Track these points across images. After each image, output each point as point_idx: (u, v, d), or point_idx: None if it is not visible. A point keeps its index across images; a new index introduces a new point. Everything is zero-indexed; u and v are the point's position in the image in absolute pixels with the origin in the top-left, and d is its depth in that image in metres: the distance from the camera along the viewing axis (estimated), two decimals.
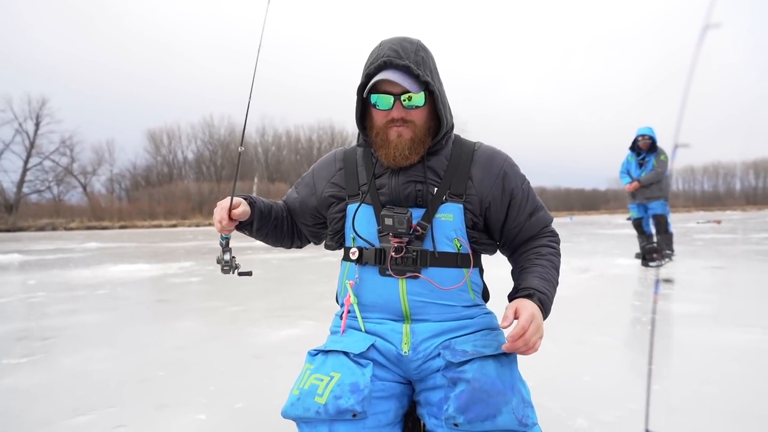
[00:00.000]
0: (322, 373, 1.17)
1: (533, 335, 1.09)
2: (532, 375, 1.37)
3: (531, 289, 1.18)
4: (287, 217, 1.49)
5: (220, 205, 1.29)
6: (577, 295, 4.49)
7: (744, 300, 4.09)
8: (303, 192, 1.45)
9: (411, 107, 1.21)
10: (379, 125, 1.24)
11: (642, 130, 6.35)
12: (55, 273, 7.41)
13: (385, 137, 1.23)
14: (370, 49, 1.26)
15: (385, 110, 1.22)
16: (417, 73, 1.18)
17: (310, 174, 1.45)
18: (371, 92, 1.21)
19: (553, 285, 1.25)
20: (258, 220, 1.39)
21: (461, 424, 1.08)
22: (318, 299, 4.42)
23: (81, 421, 1.91)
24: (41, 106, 47.02)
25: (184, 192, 50.83)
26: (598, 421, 1.78)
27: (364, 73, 1.21)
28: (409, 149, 1.23)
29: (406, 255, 1.22)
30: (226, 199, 1.29)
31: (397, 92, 1.20)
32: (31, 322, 3.90)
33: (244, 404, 2.04)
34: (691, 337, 2.91)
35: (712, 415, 1.82)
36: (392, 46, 1.21)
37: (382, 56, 1.19)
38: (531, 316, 1.10)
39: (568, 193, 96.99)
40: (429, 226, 1.23)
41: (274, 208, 1.45)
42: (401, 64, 1.18)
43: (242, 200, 1.33)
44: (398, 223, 1.19)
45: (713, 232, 14.26)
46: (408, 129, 1.22)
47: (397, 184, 1.26)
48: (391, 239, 1.22)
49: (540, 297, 1.17)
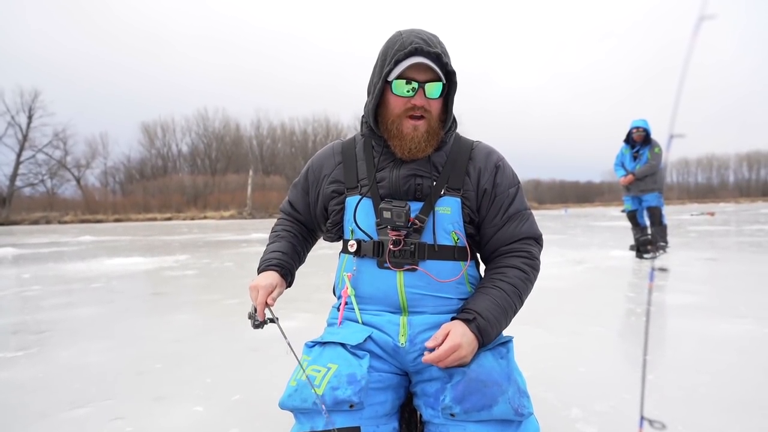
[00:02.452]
0: (319, 364, 1.18)
1: (451, 363, 1.12)
2: (527, 366, 1.39)
3: (474, 313, 1.16)
4: (305, 235, 1.50)
5: (257, 300, 1.26)
6: (572, 287, 4.51)
7: (737, 291, 4.12)
8: (306, 192, 1.45)
9: (431, 98, 1.21)
10: (397, 113, 1.23)
11: (636, 122, 6.36)
12: (50, 266, 7.38)
13: (400, 128, 1.23)
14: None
15: (406, 97, 1.21)
16: (446, 62, 1.19)
17: (310, 170, 1.44)
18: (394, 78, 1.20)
19: (504, 312, 1.20)
20: (291, 280, 1.40)
21: (457, 414, 1.09)
22: (314, 292, 4.42)
23: (78, 413, 1.91)
24: (33, 99, 46.50)
25: (178, 185, 50.54)
26: (592, 411, 1.80)
27: (390, 58, 1.19)
28: (426, 141, 1.23)
29: (404, 248, 1.22)
30: (262, 293, 1.25)
31: (421, 80, 1.20)
32: (26, 315, 3.88)
33: (242, 396, 2.05)
34: (684, 328, 2.94)
35: (705, 403, 1.85)
36: (418, 35, 1.21)
37: (410, 43, 1.18)
38: (454, 347, 1.10)
39: (563, 185, 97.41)
40: (427, 219, 1.24)
41: (296, 248, 1.45)
42: (432, 52, 1.18)
43: (276, 282, 1.30)
44: (396, 216, 1.20)
45: (707, 224, 14.35)
46: (424, 122, 1.22)
47: (398, 178, 1.26)
48: (390, 232, 1.22)
49: (480, 324, 1.15)
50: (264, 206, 41.30)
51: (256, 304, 1.26)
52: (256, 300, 1.26)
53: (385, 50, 1.23)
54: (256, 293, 1.26)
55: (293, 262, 1.41)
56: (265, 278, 1.30)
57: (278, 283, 1.31)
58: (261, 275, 1.33)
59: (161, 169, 57.24)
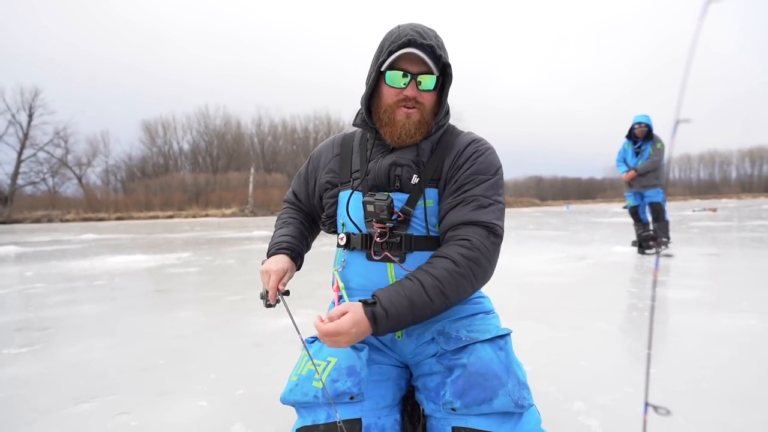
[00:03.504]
0: (319, 358, 1.19)
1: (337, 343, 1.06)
2: (530, 360, 1.39)
3: (376, 299, 1.09)
4: (309, 223, 1.53)
5: (268, 285, 1.29)
6: (575, 282, 4.52)
7: (739, 286, 4.12)
8: (307, 181, 1.48)
9: (424, 90, 1.22)
10: (389, 103, 1.24)
11: (638, 117, 6.34)
12: (53, 264, 7.40)
13: (392, 116, 1.24)
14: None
15: (398, 88, 1.22)
16: (439, 54, 1.20)
17: (311, 160, 1.48)
18: (387, 69, 1.21)
19: (412, 307, 1.08)
20: (300, 263, 1.43)
21: (458, 408, 1.10)
22: (316, 288, 4.43)
23: (82, 408, 1.93)
24: (34, 97, 46.52)
25: (180, 183, 50.58)
26: (595, 405, 1.81)
27: (385, 50, 1.21)
28: (416, 128, 1.24)
29: (390, 239, 1.23)
30: (273, 278, 1.28)
31: (414, 72, 1.20)
32: (29, 312, 3.90)
33: (245, 391, 2.06)
34: (687, 323, 2.94)
35: (708, 397, 1.85)
36: (414, 28, 1.22)
37: (404, 35, 1.19)
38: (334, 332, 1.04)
39: (565, 182, 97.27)
40: (413, 211, 1.24)
41: (303, 233, 1.48)
42: (425, 44, 1.19)
43: (287, 266, 1.33)
44: (379, 210, 1.20)
45: (709, 220, 14.32)
46: (417, 111, 1.23)
47: (380, 168, 1.26)
48: (375, 224, 1.23)
49: (375, 311, 1.07)
50: (265, 204, 41.33)
51: (268, 288, 1.28)
52: (268, 284, 1.28)
53: (383, 42, 1.24)
54: (268, 277, 1.29)
55: (302, 246, 1.44)
56: (276, 262, 1.32)
57: (289, 267, 1.34)
58: (272, 259, 1.34)
59: (163, 167, 57.32)
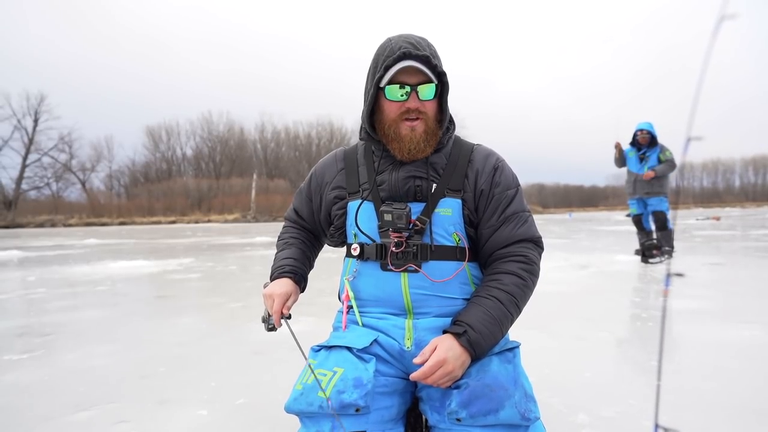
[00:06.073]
0: (325, 368, 1.17)
1: (439, 380, 1.09)
2: (533, 371, 1.38)
3: (465, 326, 1.13)
4: (311, 241, 1.52)
5: (273, 309, 1.29)
6: (577, 292, 4.49)
7: (743, 296, 4.09)
8: (310, 199, 1.46)
9: (425, 99, 1.22)
10: (392, 118, 1.24)
11: (641, 125, 6.36)
12: (55, 269, 7.40)
13: (397, 131, 1.24)
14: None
15: (400, 101, 1.22)
16: (435, 64, 1.20)
17: (313, 178, 1.45)
18: (386, 84, 1.21)
19: (498, 323, 1.16)
20: (304, 286, 1.43)
21: (464, 419, 1.08)
22: (318, 295, 4.41)
23: (82, 416, 1.91)
24: (39, 103, 46.80)
25: (182, 188, 50.73)
26: (598, 417, 1.79)
27: (381, 65, 1.20)
28: (425, 141, 1.24)
29: (406, 249, 1.23)
30: (277, 302, 1.28)
31: (413, 83, 1.20)
32: (31, 318, 3.90)
33: (246, 400, 2.04)
34: (691, 333, 2.92)
35: (714, 410, 1.83)
36: (407, 39, 1.22)
37: (398, 48, 1.19)
38: (439, 363, 1.08)
39: (567, 189, 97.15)
40: (428, 221, 1.24)
41: (306, 253, 1.48)
42: (420, 55, 1.19)
43: (291, 290, 1.33)
44: (397, 218, 1.20)
45: (712, 229, 14.27)
46: (421, 122, 1.23)
47: (397, 180, 1.27)
48: (391, 234, 1.23)
49: (471, 337, 1.11)
50: (268, 210, 41.40)
51: (272, 313, 1.28)
52: (272, 308, 1.28)
53: (376, 57, 1.24)
54: (272, 302, 1.28)
55: (305, 268, 1.44)
56: (280, 286, 1.31)
57: (293, 291, 1.34)
58: (275, 282, 1.34)
59: (166, 172, 57.47)
